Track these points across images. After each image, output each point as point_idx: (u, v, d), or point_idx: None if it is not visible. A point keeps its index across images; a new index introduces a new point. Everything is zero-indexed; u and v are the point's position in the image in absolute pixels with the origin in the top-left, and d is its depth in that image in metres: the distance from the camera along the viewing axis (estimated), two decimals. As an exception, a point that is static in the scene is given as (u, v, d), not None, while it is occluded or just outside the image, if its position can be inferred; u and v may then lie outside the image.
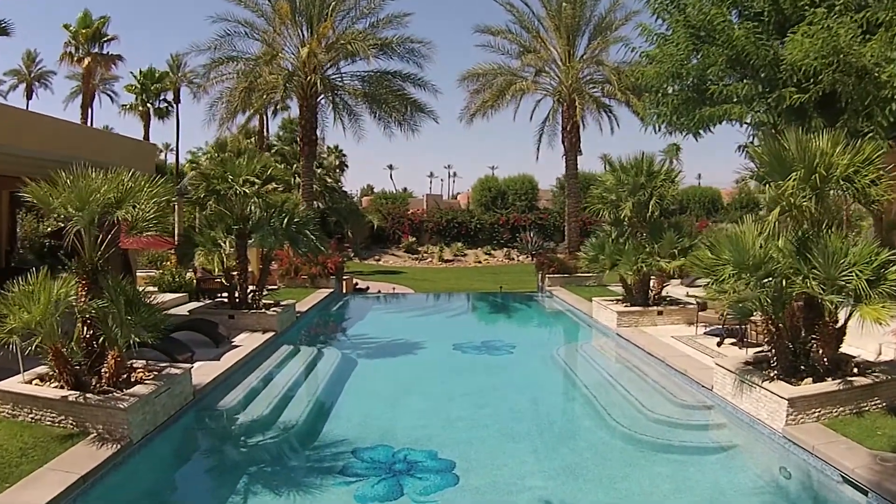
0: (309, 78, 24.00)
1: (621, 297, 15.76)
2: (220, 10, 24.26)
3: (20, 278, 7.47)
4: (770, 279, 7.80)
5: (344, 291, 22.67)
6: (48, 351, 7.45)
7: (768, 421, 7.95)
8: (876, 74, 11.03)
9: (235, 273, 14.67)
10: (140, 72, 48.81)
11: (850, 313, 8.05)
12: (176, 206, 21.83)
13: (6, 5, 72.65)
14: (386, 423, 8.85)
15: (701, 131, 14.10)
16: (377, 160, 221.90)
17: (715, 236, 9.14)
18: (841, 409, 7.86)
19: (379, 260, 35.96)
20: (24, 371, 7.89)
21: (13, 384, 7.76)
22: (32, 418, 7.51)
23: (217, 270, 17.94)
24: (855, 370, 8.39)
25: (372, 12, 24.98)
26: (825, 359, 8.29)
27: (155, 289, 17.99)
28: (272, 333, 13.61)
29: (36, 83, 59.56)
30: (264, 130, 43.04)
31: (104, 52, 44.88)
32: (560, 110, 27.12)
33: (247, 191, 13.67)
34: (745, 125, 13.96)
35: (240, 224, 14.22)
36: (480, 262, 36.19)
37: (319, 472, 7.20)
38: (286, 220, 14.60)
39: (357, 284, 24.40)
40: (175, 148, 55.72)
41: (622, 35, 24.87)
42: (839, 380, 8.01)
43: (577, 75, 26.24)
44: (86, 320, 7.96)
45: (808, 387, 7.89)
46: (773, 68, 12.21)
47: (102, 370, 7.85)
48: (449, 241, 38.43)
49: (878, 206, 9.40)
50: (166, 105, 51.06)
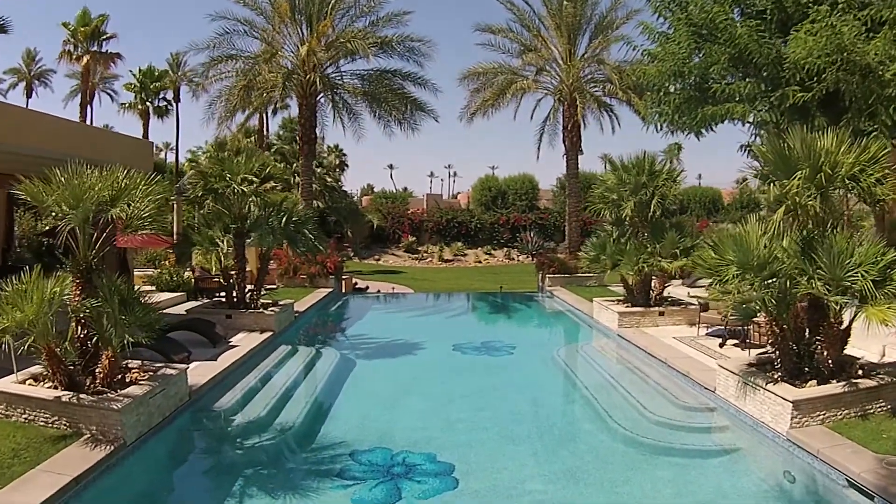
0: (308, 76, 23.89)
1: (622, 298, 15.65)
2: (220, 9, 24.10)
3: (16, 277, 7.38)
4: (774, 280, 7.70)
5: (343, 291, 22.57)
6: (42, 350, 7.38)
7: (772, 424, 7.85)
8: (880, 73, 10.95)
9: (233, 272, 14.57)
10: (139, 70, 48.63)
11: (855, 314, 7.95)
12: (175, 205, 21.79)
13: (6, 4, 72.55)
14: (384, 425, 8.76)
15: (703, 130, 14.02)
16: (377, 160, 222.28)
17: (718, 236, 9.03)
18: (846, 412, 7.76)
19: (379, 259, 35.87)
20: (18, 371, 7.82)
21: (6, 384, 7.69)
22: (25, 419, 7.44)
23: (215, 270, 17.84)
24: (860, 372, 8.29)
25: (372, 11, 24.91)
26: (830, 360, 8.19)
27: (153, 288, 17.93)
28: (270, 333, 13.50)
29: (36, 82, 59.47)
30: (264, 129, 42.95)
31: (103, 51, 44.70)
32: (561, 109, 26.99)
33: (245, 189, 13.56)
34: (748, 124, 13.87)
35: (238, 223, 14.12)
36: (480, 262, 36.10)
37: (316, 475, 7.12)
38: (284, 219, 14.49)
39: (356, 284, 24.31)
40: (175, 147, 55.61)
41: (623, 34, 24.59)
42: (844, 382, 7.91)
43: (578, 74, 26.11)
44: (80, 320, 7.90)
45: (813, 389, 7.79)
46: (776, 67, 12.12)
47: (97, 370, 7.78)
48: (449, 241, 38.34)
49: (884, 206, 9.33)
50: (166, 104, 50.91)
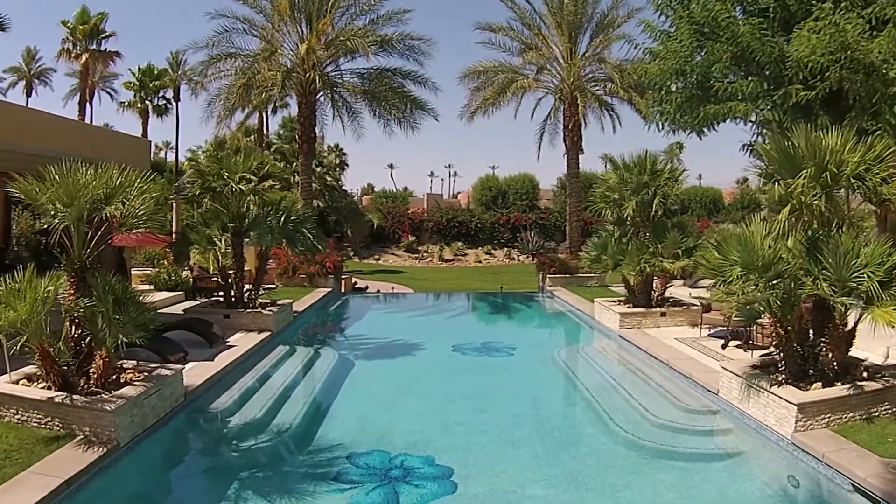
0: (308, 75, 23.77)
1: (623, 298, 15.51)
2: (219, 7, 23.94)
3: (12, 276, 7.30)
4: (779, 280, 7.57)
5: (343, 291, 22.46)
6: (35, 350, 7.30)
7: (776, 427, 7.73)
8: (884, 71, 10.85)
9: (231, 272, 14.46)
10: (138, 69, 48.48)
11: (861, 316, 7.84)
12: (174, 204, 21.69)
13: (5, 2, 72.48)
14: (383, 427, 8.65)
15: (705, 129, 13.94)
16: (378, 159, 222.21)
17: (722, 236, 8.91)
18: (851, 415, 7.66)
19: (379, 259, 35.75)
20: (11, 371, 7.71)
21: (-1, 384, 7.57)
22: (18, 419, 7.36)
23: (213, 269, 17.73)
24: (864, 374, 8.19)
25: (372, 9, 24.78)
26: (835, 363, 8.07)
27: (151, 287, 17.83)
28: (268, 333, 13.38)
29: (36, 81, 59.40)
30: (264, 128, 42.84)
31: (102, 49, 44.57)
32: (562, 108, 26.85)
33: (243, 188, 13.44)
34: (750, 123, 13.78)
35: (236, 222, 13.99)
36: (481, 262, 35.98)
37: (313, 479, 7.02)
38: (283, 219, 14.36)
39: (356, 284, 24.20)
40: (175, 146, 55.48)
41: (625, 32, 24.58)
42: (849, 384, 7.79)
43: (579, 73, 25.98)
44: (74, 319, 7.79)
45: (818, 392, 7.67)
46: (779, 65, 12.03)
47: (91, 371, 7.68)
48: (449, 241, 38.21)
49: (889, 206, 9.21)
50: (165, 103, 50.76)
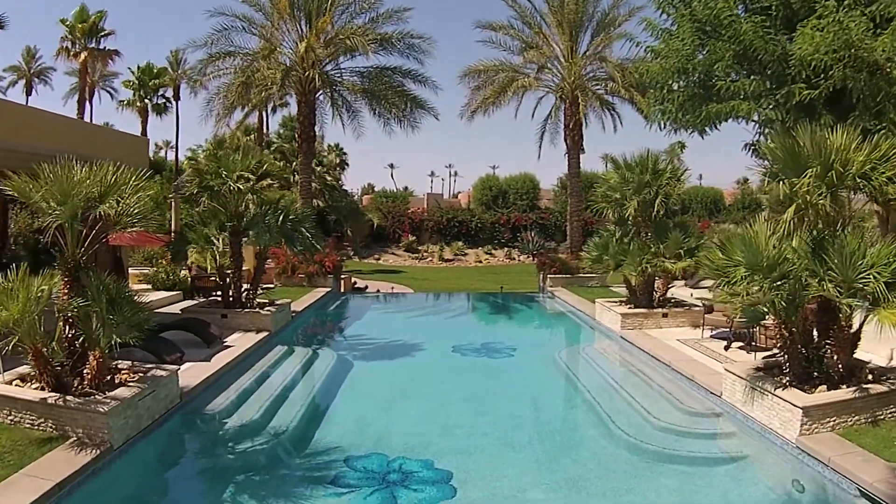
0: (307, 73, 23.66)
1: (625, 299, 15.37)
2: (218, 5, 23.82)
3: (6, 275, 7.22)
4: (784, 281, 7.45)
5: (342, 290, 22.34)
6: (28, 350, 7.19)
7: (781, 430, 7.61)
8: (888, 70, 10.74)
9: (229, 271, 14.34)
10: (138, 67, 48.34)
11: (866, 317, 7.72)
12: (173, 203, 21.56)
13: (5, 1, 72.35)
14: (381, 429, 8.53)
15: (707, 129, 13.83)
16: (378, 159, 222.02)
17: (725, 236, 8.78)
18: (856, 418, 7.55)
19: (379, 259, 35.62)
20: (6, 371, 7.60)
21: (-9, 385, 7.47)
22: (11, 420, 7.28)
23: (211, 268, 17.61)
24: (869, 377, 8.07)
25: (371, 7, 24.70)
26: (840, 365, 7.96)
27: (149, 286, 17.72)
28: (266, 333, 13.27)
29: (36, 79, 59.26)
30: (263, 127, 42.71)
31: (101, 47, 44.49)
32: (562, 108, 26.72)
33: (241, 187, 13.32)
34: (752, 123, 13.67)
35: (234, 221, 13.87)
36: (481, 262, 35.85)
37: (310, 482, 6.91)
38: (281, 218, 14.24)
39: (355, 283, 24.07)
40: (175, 145, 55.37)
41: (626, 31, 24.44)
42: (854, 387, 7.68)
43: (580, 72, 25.85)
44: (67, 319, 7.68)
45: (823, 395, 7.55)
46: (782, 64, 11.93)
47: (85, 371, 7.57)
48: (449, 241, 38.08)
49: (893, 205, 9.09)
50: (164, 101, 50.60)
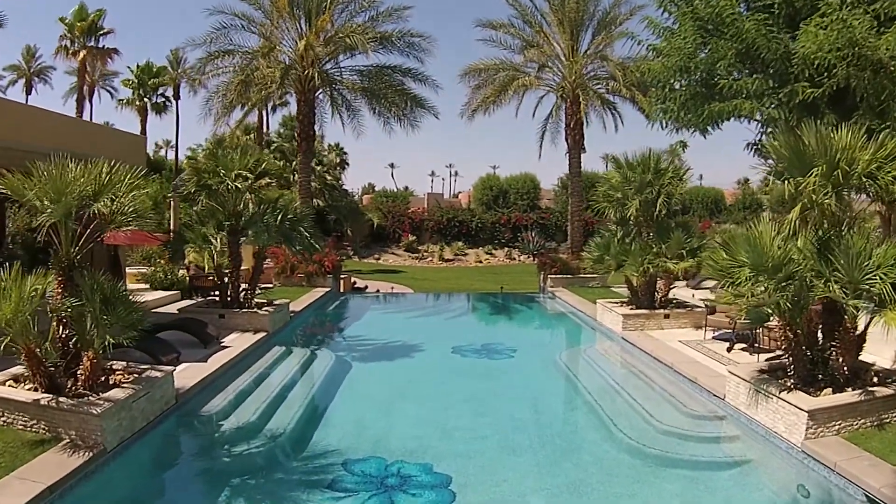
0: (307, 72, 23.53)
1: (626, 300, 15.24)
2: (218, 3, 23.63)
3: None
4: (790, 282, 7.31)
5: (341, 290, 22.21)
6: (21, 351, 7.08)
7: (786, 434, 7.49)
8: (892, 69, 10.63)
9: (227, 271, 14.21)
10: (137, 66, 48.20)
11: (871, 319, 7.59)
12: (172, 203, 21.45)
13: (5, 1, 72.24)
14: (379, 432, 8.42)
15: (709, 128, 13.71)
16: (378, 159, 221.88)
17: (729, 235, 8.66)
18: (862, 422, 7.44)
19: (379, 259, 35.48)
20: (-1, 372, 7.51)
21: (-17, 386, 7.36)
22: (4, 422, 7.19)
23: (209, 268, 17.49)
24: (875, 379, 7.95)
25: (371, 6, 24.56)
26: (845, 367, 7.84)
27: (147, 286, 17.61)
28: (264, 334, 13.14)
29: (35, 79, 59.14)
30: (263, 126, 42.57)
31: (100, 46, 44.37)
32: (563, 107, 26.59)
33: (239, 185, 13.19)
34: (755, 122, 13.56)
35: (232, 220, 13.75)
36: (481, 262, 35.71)
37: (306, 486, 6.80)
38: (280, 217, 14.12)
39: (355, 283, 23.94)
40: (175, 145, 55.24)
41: (627, 29, 24.28)
42: (860, 390, 7.57)
43: (581, 71, 25.70)
44: (61, 319, 7.56)
45: (829, 398, 7.43)
46: (785, 62, 11.82)
47: (78, 372, 7.44)
48: (450, 241, 37.94)
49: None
50: (164, 100, 50.46)
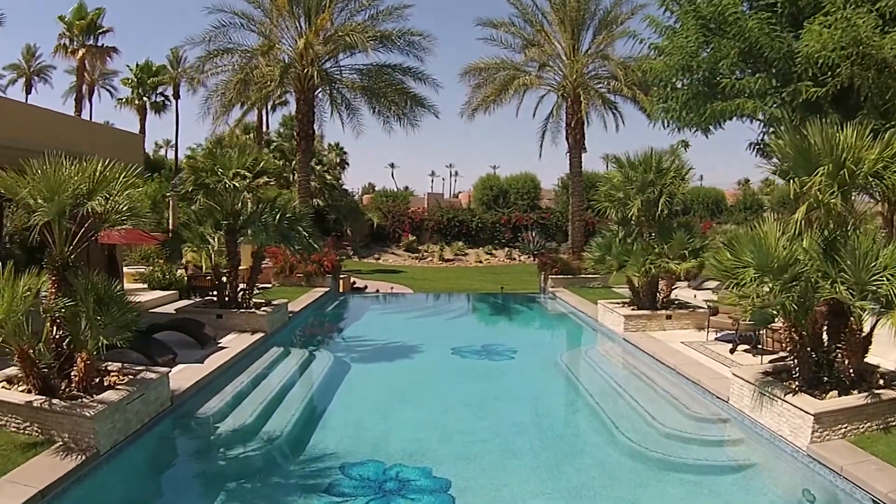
0: (306, 70, 23.39)
1: (628, 300, 15.11)
2: (217, 2, 23.47)
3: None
4: (796, 283, 7.19)
5: (341, 290, 22.08)
6: (14, 352, 6.96)
7: (791, 437, 7.37)
8: (896, 68, 10.53)
9: (225, 270, 14.09)
10: (136, 65, 48.08)
11: (878, 320, 7.47)
12: (171, 202, 21.34)
13: (5, 0, 72.07)
14: (378, 435, 8.31)
15: (711, 127, 13.61)
16: (379, 159, 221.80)
17: (732, 235, 8.53)
18: (867, 425, 7.31)
19: (378, 259, 35.36)
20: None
21: (-25, 388, 7.25)
22: (-3, 424, 7.01)
23: (206, 267, 17.38)
24: (881, 382, 7.82)
25: (371, 4, 24.41)
26: (851, 370, 7.70)
27: (144, 286, 17.51)
28: (262, 334, 13.02)
29: (35, 78, 58.95)
30: (263, 126, 42.45)
31: (99, 45, 44.25)
32: (564, 106, 26.44)
33: (237, 184, 13.07)
34: (757, 121, 13.45)
35: (230, 219, 13.63)
36: (481, 262, 35.58)
37: (303, 490, 6.70)
38: (278, 216, 13.99)
39: (355, 283, 23.81)
40: (175, 144, 55.12)
41: (629, 28, 24.13)
42: (866, 392, 7.45)
43: (582, 70, 25.56)
44: (54, 319, 7.45)
45: (835, 401, 7.31)
46: (788, 61, 11.72)
47: (72, 373, 7.32)
48: (450, 241, 37.81)
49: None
50: (163, 99, 50.34)
